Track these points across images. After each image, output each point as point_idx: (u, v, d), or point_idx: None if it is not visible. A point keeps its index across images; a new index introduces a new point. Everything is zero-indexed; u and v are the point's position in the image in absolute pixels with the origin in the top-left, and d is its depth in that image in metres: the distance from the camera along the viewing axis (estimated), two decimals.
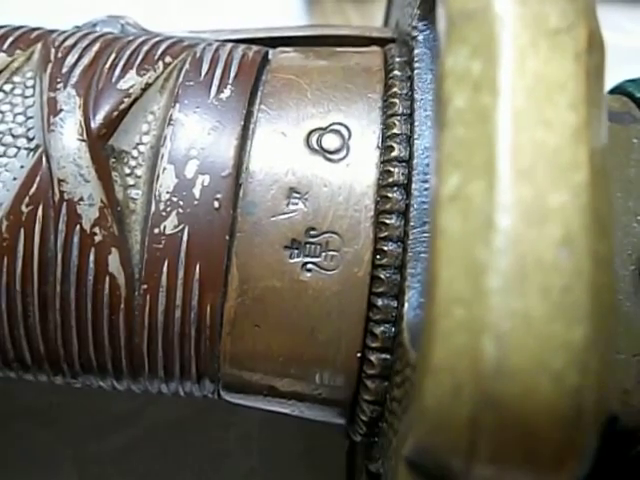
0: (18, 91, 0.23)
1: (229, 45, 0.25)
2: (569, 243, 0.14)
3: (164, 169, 0.22)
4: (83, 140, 0.22)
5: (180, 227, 0.22)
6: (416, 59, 0.23)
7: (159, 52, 0.24)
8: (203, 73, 0.23)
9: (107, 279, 0.22)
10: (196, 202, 0.22)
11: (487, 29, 0.16)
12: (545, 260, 0.14)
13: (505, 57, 0.15)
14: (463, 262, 0.14)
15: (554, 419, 0.14)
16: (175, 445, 0.35)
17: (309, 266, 0.21)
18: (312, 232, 0.21)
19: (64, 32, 0.25)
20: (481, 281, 0.14)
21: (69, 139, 0.22)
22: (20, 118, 0.22)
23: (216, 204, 0.22)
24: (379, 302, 0.21)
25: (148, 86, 0.23)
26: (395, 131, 0.22)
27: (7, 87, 0.23)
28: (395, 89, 0.23)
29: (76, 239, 0.21)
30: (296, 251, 0.21)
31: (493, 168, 0.15)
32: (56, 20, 0.27)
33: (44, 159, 0.22)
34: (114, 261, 0.22)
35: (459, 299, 0.14)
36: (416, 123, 0.22)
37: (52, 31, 0.25)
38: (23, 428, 0.35)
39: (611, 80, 0.26)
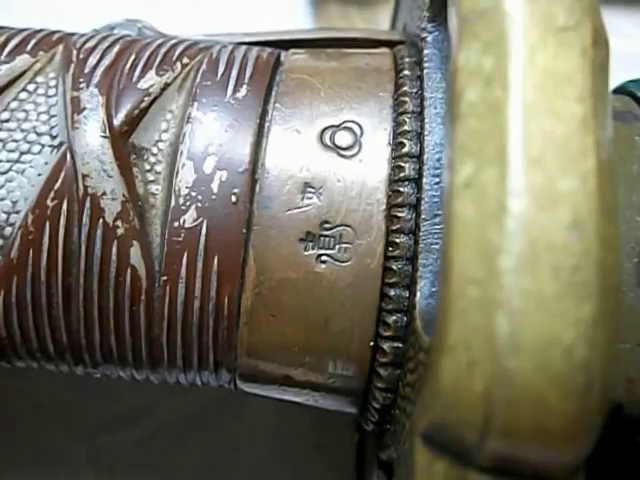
0: (41, 91, 0.24)
1: (243, 47, 0.26)
2: (578, 226, 0.15)
3: (183, 165, 0.23)
4: (106, 137, 0.23)
5: (199, 221, 0.22)
6: (425, 59, 0.24)
7: (177, 53, 0.25)
8: (220, 73, 0.24)
9: (129, 271, 0.22)
10: (214, 197, 0.22)
11: (498, 26, 0.17)
12: (555, 242, 0.15)
13: (515, 53, 0.16)
14: (477, 245, 0.15)
15: (565, 392, 0.15)
16: (187, 439, 0.35)
17: (323, 258, 0.22)
18: (326, 225, 0.22)
19: (84, 35, 0.26)
20: (494, 262, 0.15)
21: (93, 136, 0.23)
22: (44, 117, 0.23)
23: (233, 198, 0.22)
24: (391, 292, 0.22)
25: (167, 86, 0.24)
26: (406, 128, 0.23)
27: (31, 87, 0.24)
28: (405, 88, 0.24)
29: (99, 232, 0.22)
30: (311, 244, 0.22)
31: (505, 156, 0.16)
32: (72, 24, 0.28)
33: (68, 155, 0.22)
34: (135, 253, 0.22)
35: (473, 280, 0.15)
36: (426, 120, 0.23)
37: (72, 34, 0.26)
38: (37, 425, 0.36)
39: (613, 85, 0.27)
